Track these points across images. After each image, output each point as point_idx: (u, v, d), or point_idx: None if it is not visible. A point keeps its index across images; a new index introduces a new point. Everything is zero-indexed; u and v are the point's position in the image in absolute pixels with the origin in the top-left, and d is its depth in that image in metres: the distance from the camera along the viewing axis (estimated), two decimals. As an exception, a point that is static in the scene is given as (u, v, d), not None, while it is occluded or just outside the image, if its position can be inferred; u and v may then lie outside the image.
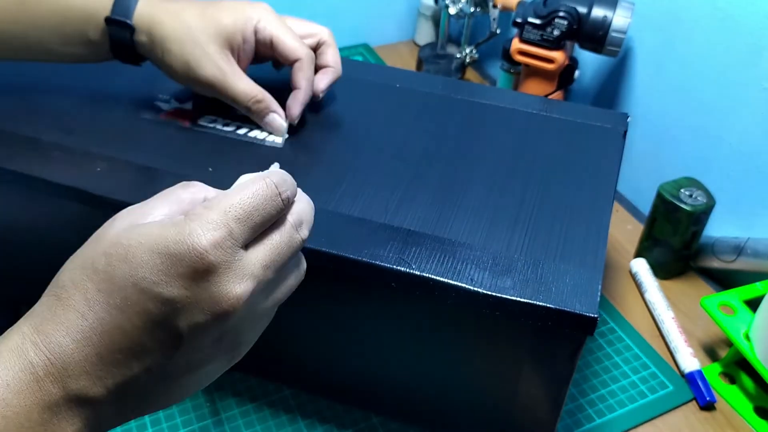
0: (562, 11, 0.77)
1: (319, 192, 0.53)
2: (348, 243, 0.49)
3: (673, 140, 0.81)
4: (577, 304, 0.45)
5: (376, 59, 1.09)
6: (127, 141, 0.56)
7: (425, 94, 0.64)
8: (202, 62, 0.54)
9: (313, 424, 0.60)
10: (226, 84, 0.55)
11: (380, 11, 1.13)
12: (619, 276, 0.76)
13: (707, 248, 0.74)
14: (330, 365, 0.59)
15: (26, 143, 0.56)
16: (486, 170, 0.56)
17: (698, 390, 0.63)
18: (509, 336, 0.50)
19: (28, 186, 0.53)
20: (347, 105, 0.63)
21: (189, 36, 0.53)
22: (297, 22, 0.59)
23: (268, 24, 0.55)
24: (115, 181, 0.52)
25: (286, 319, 0.57)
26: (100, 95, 0.60)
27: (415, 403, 0.58)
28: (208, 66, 0.54)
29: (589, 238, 0.50)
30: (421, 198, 0.53)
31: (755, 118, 0.71)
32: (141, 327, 0.32)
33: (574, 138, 0.60)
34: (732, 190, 0.75)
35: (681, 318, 0.70)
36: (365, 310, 0.53)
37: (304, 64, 0.56)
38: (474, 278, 0.47)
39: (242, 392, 0.62)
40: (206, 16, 0.54)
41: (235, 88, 0.55)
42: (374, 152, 0.57)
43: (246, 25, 0.54)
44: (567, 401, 0.62)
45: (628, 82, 0.85)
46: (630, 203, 0.86)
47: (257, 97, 0.56)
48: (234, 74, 0.55)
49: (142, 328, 0.32)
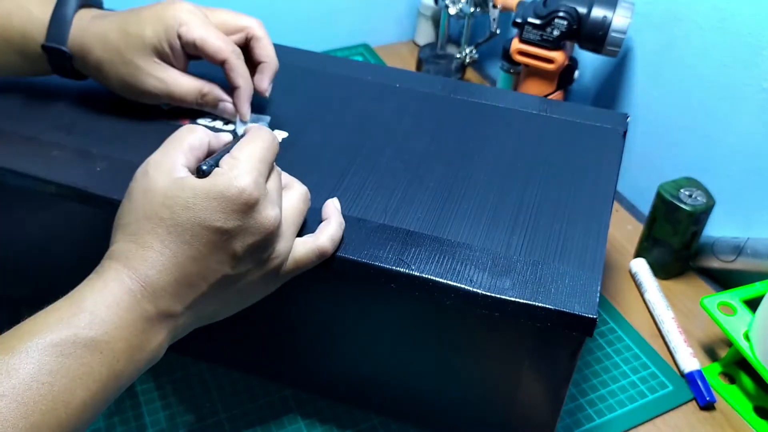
0: (562, 11, 0.77)
1: (319, 192, 0.53)
2: (347, 244, 0.49)
3: (673, 140, 0.81)
4: (576, 305, 0.45)
5: (376, 59, 1.09)
6: (127, 141, 0.56)
7: (425, 94, 0.64)
8: (139, 79, 0.55)
9: (313, 424, 0.60)
10: (169, 91, 0.56)
11: (380, 11, 1.13)
12: (619, 276, 0.76)
13: (707, 248, 0.74)
14: (330, 365, 0.59)
15: (26, 143, 0.56)
16: (485, 170, 0.56)
17: (698, 390, 0.63)
18: (509, 337, 0.50)
19: (28, 186, 0.53)
20: (347, 105, 0.63)
21: (119, 57, 0.54)
22: (226, 15, 0.58)
23: (189, 28, 0.54)
24: (115, 181, 0.52)
25: (286, 319, 0.57)
26: (100, 95, 0.60)
27: (414, 404, 0.58)
28: (147, 80, 0.55)
29: (588, 239, 0.50)
30: (421, 198, 0.53)
31: (755, 118, 0.71)
32: (207, 255, 0.41)
33: (574, 138, 0.60)
34: (732, 190, 0.75)
35: (681, 318, 0.70)
36: (365, 310, 0.53)
37: (233, 63, 0.55)
38: (473, 279, 0.47)
39: (242, 392, 0.62)
40: (130, 34, 0.54)
41: (180, 91, 0.56)
42: (374, 152, 0.57)
43: (168, 33, 0.54)
44: (567, 401, 0.62)
45: (628, 82, 0.85)
46: (630, 203, 0.86)
47: (203, 90, 0.57)
48: (173, 79, 0.56)
49: (208, 255, 0.41)
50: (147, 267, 0.40)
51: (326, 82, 0.66)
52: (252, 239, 0.42)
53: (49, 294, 0.40)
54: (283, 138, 0.58)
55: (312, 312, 0.55)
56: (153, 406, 0.60)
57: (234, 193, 0.41)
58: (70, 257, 0.60)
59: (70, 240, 0.59)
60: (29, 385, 0.35)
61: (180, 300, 0.42)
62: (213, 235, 0.41)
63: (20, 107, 0.59)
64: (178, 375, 0.63)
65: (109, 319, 0.39)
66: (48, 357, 0.36)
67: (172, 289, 0.41)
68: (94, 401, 0.38)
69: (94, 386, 0.38)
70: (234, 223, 0.41)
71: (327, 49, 1.11)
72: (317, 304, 0.55)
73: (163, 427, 0.59)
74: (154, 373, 0.63)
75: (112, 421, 0.59)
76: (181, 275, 0.41)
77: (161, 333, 0.42)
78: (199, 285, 0.42)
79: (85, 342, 0.38)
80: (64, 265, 0.61)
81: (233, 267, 0.43)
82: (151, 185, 0.42)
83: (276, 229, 0.43)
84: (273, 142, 0.46)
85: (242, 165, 0.42)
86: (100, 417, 0.59)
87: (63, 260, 0.61)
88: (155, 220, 0.41)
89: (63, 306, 0.39)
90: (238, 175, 0.41)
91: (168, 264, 0.41)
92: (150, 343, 0.41)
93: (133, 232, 0.41)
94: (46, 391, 0.36)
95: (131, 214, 0.42)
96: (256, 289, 0.46)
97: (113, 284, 0.40)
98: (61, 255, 0.61)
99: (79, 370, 0.37)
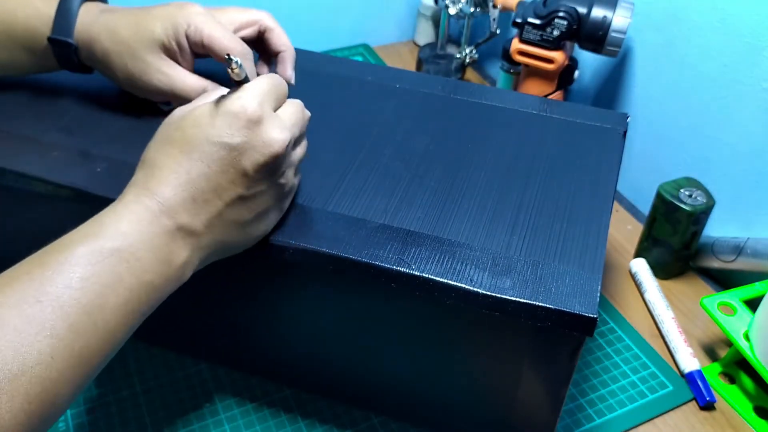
0: (562, 11, 0.77)
1: (319, 192, 0.53)
2: (348, 244, 0.49)
3: (673, 140, 0.81)
4: (576, 305, 0.45)
5: (376, 59, 1.09)
6: (127, 141, 0.56)
7: (425, 95, 0.64)
8: (146, 73, 0.55)
9: (313, 424, 0.60)
10: (173, 87, 0.56)
11: (380, 11, 1.13)
12: (619, 276, 0.76)
13: (707, 248, 0.74)
14: (330, 365, 0.59)
15: (26, 143, 0.56)
16: (486, 170, 0.56)
17: (698, 390, 0.63)
18: (509, 336, 0.50)
19: (28, 186, 0.53)
20: (347, 105, 0.63)
21: (128, 51, 0.55)
22: (235, 12, 0.59)
23: (198, 27, 0.55)
24: (115, 181, 0.52)
25: (286, 319, 0.57)
26: (100, 96, 0.60)
27: (414, 403, 0.58)
28: (153, 75, 0.55)
29: (588, 239, 0.50)
30: (421, 198, 0.53)
31: (755, 118, 0.71)
32: (218, 171, 0.44)
33: (574, 138, 0.60)
34: (732, 190, 0.75)
35: (681, 318, 0.70)
36: (365, 310, 0.53)
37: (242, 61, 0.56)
38: (473, 279, 0.47)
39: (242, 392, 0.62)
40: (140, 28, 0.54)
41: (184, 88, 0.56)
42: (374, 152, 0.57)
43: (177, 32, 0.54)
44: (567, 401, 0.62)
45: (628, 82, 0.85)
46: (630, 203, 0.86)
47: (207, 90, 0.57)
48: (178, 76, 0.56)
49: (219, 171, 0.44)
50: (162, 185, 0.43)
51: (326, 82, 0.66)
52: (260, 158, 0.44)
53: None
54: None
55: (312, 312, 0.55)
56: (153, 406, 0.60)
57: (237, 109, 0.44)
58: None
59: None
60: (63, 291, 0.38)
61: (197, 216, 0.44)
62: (221, 150, 0.43)
63: (21, 108, 0.59)
64: (178, 375, 0.63)
65: (132, 232, 0.41)
66: (78, 267, 0.39)
67: (188, 205, 0.43)
68: (127, 309, 0.41)
69: (124, 294, 0.40)
70: (239, 138, 0.43)
71: (327, 49, 1.11)
72: (317, 304, 0.55)
73: (163, 427, 0.59)
74: (155, 373, 0.63)
75: (112, 422, 0.59)
76: (195, 191, 0.43)
77: (185, 249, 0.44)
78: (214, 202, 0.44)
79: (111, 251, 0.40)
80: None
81: (246, 187, 0.45)
82: (169, 119, 0.46)
83: (282, 150, 0.45)
84: (279, 81, 0.48)
85: (248, 90, 0.45)
86: (100, 417, 0.59)
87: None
88: (169, 141, 0.44)
89: (87, 226, 0.42)
90: (243, 95, 0.44)
91: (182, 181, 0.43)
92: (175, 258, 0.43)
93: (150, 157, 0.45)
94: (80, 296, 0.38)
95: (151, 145, 0.46)
96: (272, 213, 0.48)
97: (132, 205, 0.43)
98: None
99: (109, 278, 0.40)
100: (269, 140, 0.44)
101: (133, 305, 0.41)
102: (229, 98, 0.44)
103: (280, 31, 0.60)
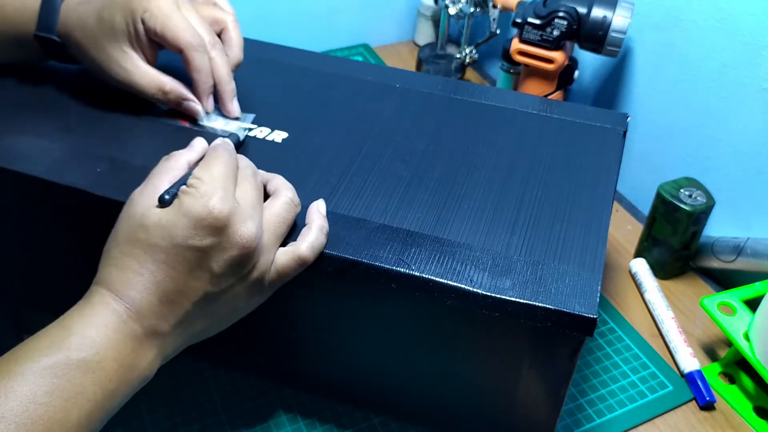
0: (562, 11, 0.77)
1: (318, 192, 0.53)
2: (347, 244, 0.49)
3: (673, 140, 0.81)
4: (576, 305, 0.45)
5: (376, 59, 1.09)
6: (127, 141, 0.56)
7: (425, 95, 0.64)
8: (108, 65, 0.55)
9: (313, 424, 0.60)
10: (132, 81, 0.56)
11: (380, 11, 1.13)
12: (619, 276, 0.76)
13: (707, 248, 0.74)
14: (330, 365, 0.59)
15: (26, 144, 0.56)
16: (485, 171, 0.56)
17: (698, 390, 0.63)
18: (509, 337, 0.50)
19: (29, 186, 0.53)
20: (347, 105, 0.63)
21: (94, 43, 0.55)
22: (202, 6, 0.58)
23: (153, 16, 0.53)
24: (115, 181, 0.52)
25: (286, 319, 0.57)
26: (100, 96, 0.60)
27: (414, 404, 0.58)
28: (114, 67, 0.55)
29: (588, 239, 0.50)
30: (421, 199, 0.53)
31: (755, 118, 0.71)
32: (185, 273, 0.42)
33: (574, 138, 0.60)
34: (732, 190, 0.75)
35: (681, 318, 0.70)
36: (365, 310, 0.53)
37: (187, 55, 0.54)
38: (473, 279, 0.47)
39: (242, 392, 0.62)
40: (103, 20, 0.54)
41: (140, 83, 0.56)
42: (374, 152, 0.57)
43: (134, 18, 0.53)
44: (567, 401, 0.62)
45: (628, 82, 0.85)
46: (630, 203, 0.86)
47: (164, 88, 0.56)
48: (138, 70, 0.55)
49: (186, 273, 0.42)
50: (129, 288, 0.42)
51: (326, 82, 0.66)
52: (229, 255, 0.43)
53: (49, 295, 0.41)
54: (283, 138, 0.58)
55: (312, 312, 0.55)
56: (153, 405, 0.60)
57: (203, 212, 0.42)
58: (70, 258, 0.60)
59: (69, 241, 0.59)
60: (26, 407, 0.37)
61: (165, 318, 0.43)
62: (188, 253, 0.42)
63: (20, 108, 0.59)
64: (178, 375, 0.63)
65: (99, 340, 0.41)
66: (42, 379, 0.38)
67: (155, 308, 0.42)
68: (89, 420, 0.40)
69: (88, 405, 0.40)
70: (208, 240, 0.42)
71: (327, 49, 1.11)
72: (317, 305, 0.55)
73: (163, 427, 0.59)
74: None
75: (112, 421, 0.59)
76: (162, 294, 0.42)
77: (151, 351, 0.43)
78: (181, 303, 0.43)
79: (77, 363, 0.39)
80: (63, 265, 0.61)
81: (214, 284, 0.43)
82: (131, 212, 0.44)
83: (253, 242, 0.43)
84: (231, 156, 0.46)
85: (206, 185, 0.43)
86: (100, 417, 0.59)
87: (62, 261, 0.61)
88: (133, 242, 0.43)
89: (54, 330, 0.41)
90: (204, 193, 0.42)
91: (148, 284, 0.42)
92: (141, 362, 0.42)
93: (114, 256, 0.43)
94: (43, 412, 0.38)
95: (114, 240, 0.44)
96: (242, 303, 0.47)
97: (99, 307, 0.42)
98: (60, 256, 0.61)
99: (73, 391, 0.39)
100: (238, 237, 0.43)
101: (96, 415, 0.40)
102: (192, 197, 0.42)
103: (237, 33, 0.58)
